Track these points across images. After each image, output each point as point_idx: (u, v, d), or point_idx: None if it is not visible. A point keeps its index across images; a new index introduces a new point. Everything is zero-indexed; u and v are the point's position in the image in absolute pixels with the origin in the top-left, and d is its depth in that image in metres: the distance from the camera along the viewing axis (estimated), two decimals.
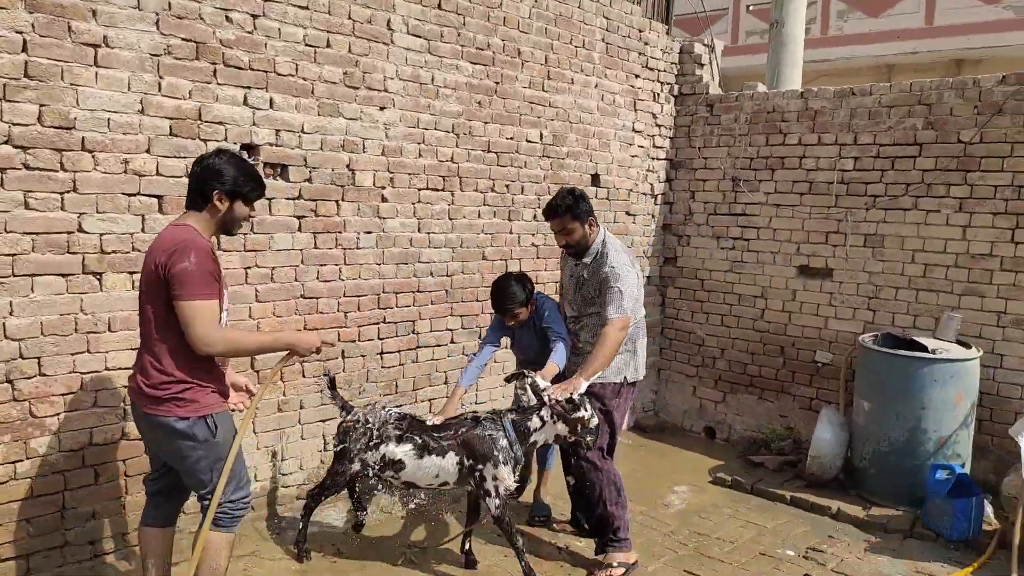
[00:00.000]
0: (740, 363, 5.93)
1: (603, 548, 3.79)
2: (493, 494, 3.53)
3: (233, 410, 3.01)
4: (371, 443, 3.62)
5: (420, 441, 3.61)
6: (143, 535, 3.05)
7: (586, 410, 3.49)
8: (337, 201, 4.22)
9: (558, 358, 3.75)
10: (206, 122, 3.66)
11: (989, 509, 4.35)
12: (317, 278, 4.20)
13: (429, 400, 4.82)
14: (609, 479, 3.75)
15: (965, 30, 9.81)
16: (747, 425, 5.93)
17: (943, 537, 4.22)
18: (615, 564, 3.72)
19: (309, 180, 4.09)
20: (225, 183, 2.80)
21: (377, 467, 3.63)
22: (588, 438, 3.52)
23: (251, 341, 3.06)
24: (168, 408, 2.74)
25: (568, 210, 3.74)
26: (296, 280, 4.11)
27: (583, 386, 3.48)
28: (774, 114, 5.77)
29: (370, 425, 3.64)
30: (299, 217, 4.08)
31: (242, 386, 3.16)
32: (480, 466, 3.54)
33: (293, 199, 4.04)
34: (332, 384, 3.80)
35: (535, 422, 3.56)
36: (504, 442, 3.54)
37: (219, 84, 3.69)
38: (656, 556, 3.97)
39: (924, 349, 4.68)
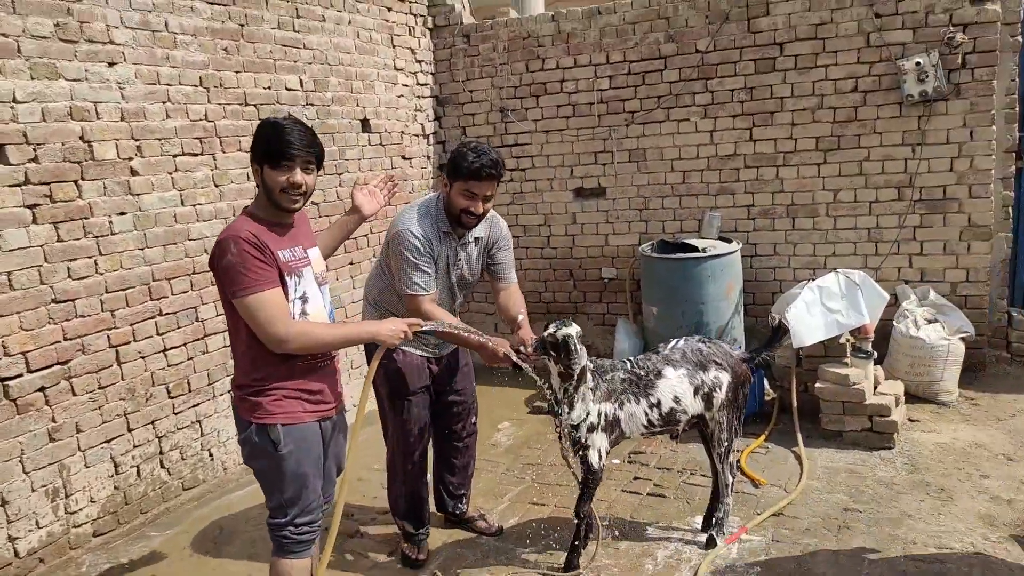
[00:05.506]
0: (535, 292, 6.07)
1: (464, 504, 3.70)
2: None
3: None
4: None
5: None
6: None
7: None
8: (76, 181, 3.54)
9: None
10: None
11: (766, 382, 4.93)
12: (69, 276, 3.53)
13: (228, 393, 4.35)
14: None
15: None
16: None
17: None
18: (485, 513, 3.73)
19: (35, 160, 3.37)
20: (252, 151, 2.46)
21: None
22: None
23: (329, 335, 2.52)
24: (241, 411, 2.51)
25: (502, 169, 3.10)
26: (42, 283, 3.42)
27: None
28: (530, 40, 5.81)
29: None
30: (31, 206, 3.37)
31: None
32: None
33: (19, 185, 3.32)
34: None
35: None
36: None
37: None
38: (500, 495, 4.00)
39: (695, 249, 5.08)
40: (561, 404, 3.02)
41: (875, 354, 4.33)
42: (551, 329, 2.97)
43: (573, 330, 2.96)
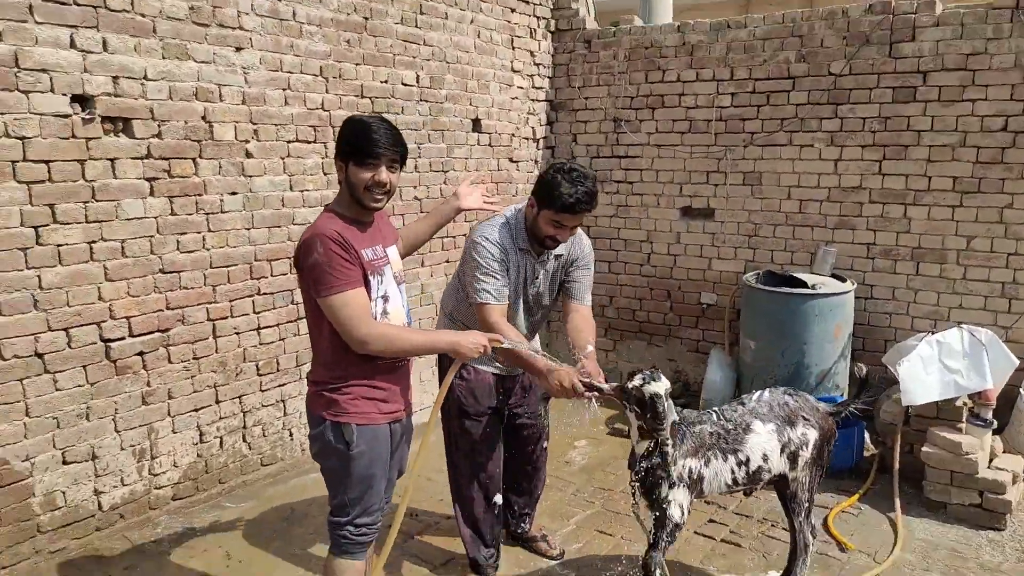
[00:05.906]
0: (629, 310, 5.92)
1: (527, 523, 3.60)
2: None
3: None
4: None
5: None
6: None
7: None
8: (194, 159, 3.69)
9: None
10: (26, 69, 3.03)
11: (867, 436, 4.59)
12: (178, 249, 3.68)
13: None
14: None
15: None
16: None
17: (828, 467, 4.40)
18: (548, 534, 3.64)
19: (159, 135, 3.53)
20: (338, 148, 2.45)
21: None
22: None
23: (408, 341, 2.50)
24: (315, 406, 2.53)
25: (596, 200, 2.97)
26: (153, 253, 3.58)
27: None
28: (652, 50, 5.63)
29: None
30: (150, 179, 3.53)
31: None
32: None
33: (141, 158, 3.48)
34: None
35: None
36: None
37: (38, 23, 3.04)
38: (566, 517, 3.89)
39: (804, 285, 4.79)
40: (639, 461, 2.77)
41: (995, 423, 3.95)
42: (636, 382, 2.64)
43: (662, 387, 2.61)
